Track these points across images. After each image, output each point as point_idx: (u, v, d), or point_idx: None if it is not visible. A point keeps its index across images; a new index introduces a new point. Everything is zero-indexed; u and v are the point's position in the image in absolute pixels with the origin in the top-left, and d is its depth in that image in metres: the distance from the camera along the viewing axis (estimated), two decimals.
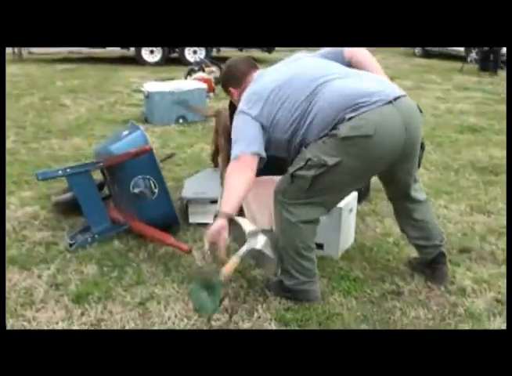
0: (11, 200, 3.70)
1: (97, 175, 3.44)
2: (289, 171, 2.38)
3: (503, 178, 4.31)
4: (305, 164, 2.29)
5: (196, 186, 3.52)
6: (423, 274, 2.77)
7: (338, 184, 2.34)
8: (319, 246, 3.00)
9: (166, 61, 11.80)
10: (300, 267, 2.48)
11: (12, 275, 2.74)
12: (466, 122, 6.28)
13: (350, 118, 2.18)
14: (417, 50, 14.79)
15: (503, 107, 7.23)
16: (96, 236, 3.08)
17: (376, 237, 3.24)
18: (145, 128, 5.82)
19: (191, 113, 6.08)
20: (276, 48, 12.61)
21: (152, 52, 11.84)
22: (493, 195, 3.94)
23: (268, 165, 2.48)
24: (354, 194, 3.17)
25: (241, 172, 2.30)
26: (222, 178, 3.77)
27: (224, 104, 3.71)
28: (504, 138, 5.56)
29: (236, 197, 2.29)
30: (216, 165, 4.27)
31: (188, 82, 6.56)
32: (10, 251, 2.99)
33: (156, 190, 3.07)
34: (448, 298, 2.60)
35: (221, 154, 3.88)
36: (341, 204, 2.91)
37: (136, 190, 3.03)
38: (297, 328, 2.34)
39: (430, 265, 2.73)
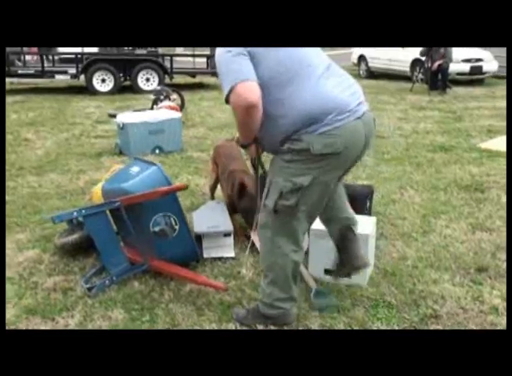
0: (6, 245, 3.49)
1: None
2: (268, 207, 2.37)
3: (490, 194, 4.46)
4: (280, 194, 2.30)
5: (206, 220, 3.45)
6: (345, 274, 2.78)
7: (319, 196, 2.37)
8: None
9: (119, 90, 11.61)
10: (289, 296, 2.52)
11: (37, 326, 2.58)
12: (436, 141, 6.49)
13: (321, 133, 2.20)
14: (362, 71, 15.21)
15: (463, 125, 7.55)
16: (114, 278, 2.95)
17: (393, 262, 3.26)
18: (121, 160, 5.72)
19: (167, 143, 6.01)
20: None
21: (103, 80, 11.60)
22: (487, 213, 4.06)
23: None
24: (373, 219, 3.21)
25: (247, 113, 2.16)
26: (228, 210, 3.72)
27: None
28: (476, 155, 5.79)
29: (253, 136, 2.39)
30: (213, 197, 4.22)
31: (161, 112, 6.47)
32: (26, 301, 2.82)
33: (176, 227, 2.98)
34: (486, 319, 2.65)
35: (221, 188, 3.85)
36: (368, 231, 2.93)
37: (156, 229, 2.94)
38: None
39: (343, 245, 2.69)
